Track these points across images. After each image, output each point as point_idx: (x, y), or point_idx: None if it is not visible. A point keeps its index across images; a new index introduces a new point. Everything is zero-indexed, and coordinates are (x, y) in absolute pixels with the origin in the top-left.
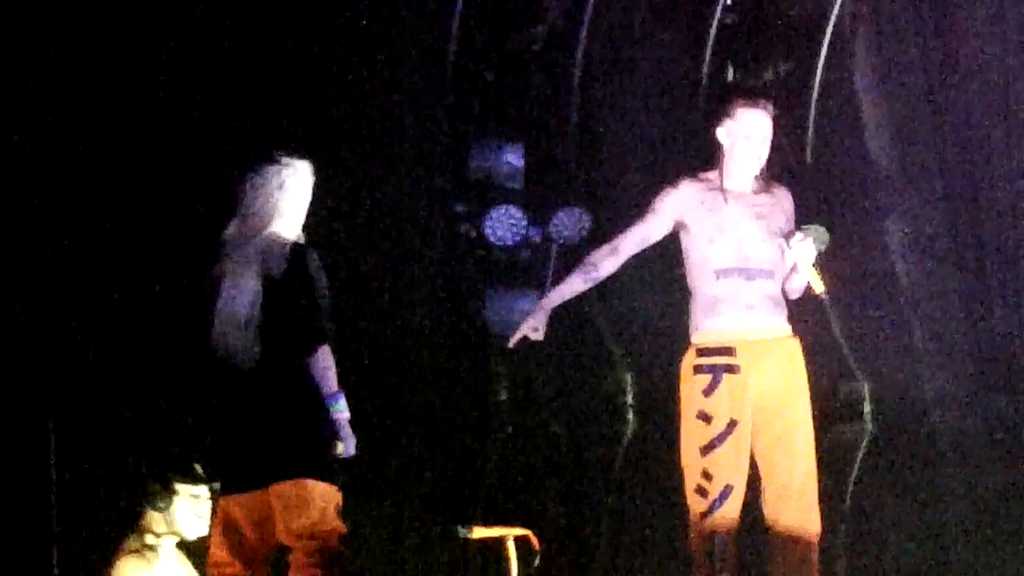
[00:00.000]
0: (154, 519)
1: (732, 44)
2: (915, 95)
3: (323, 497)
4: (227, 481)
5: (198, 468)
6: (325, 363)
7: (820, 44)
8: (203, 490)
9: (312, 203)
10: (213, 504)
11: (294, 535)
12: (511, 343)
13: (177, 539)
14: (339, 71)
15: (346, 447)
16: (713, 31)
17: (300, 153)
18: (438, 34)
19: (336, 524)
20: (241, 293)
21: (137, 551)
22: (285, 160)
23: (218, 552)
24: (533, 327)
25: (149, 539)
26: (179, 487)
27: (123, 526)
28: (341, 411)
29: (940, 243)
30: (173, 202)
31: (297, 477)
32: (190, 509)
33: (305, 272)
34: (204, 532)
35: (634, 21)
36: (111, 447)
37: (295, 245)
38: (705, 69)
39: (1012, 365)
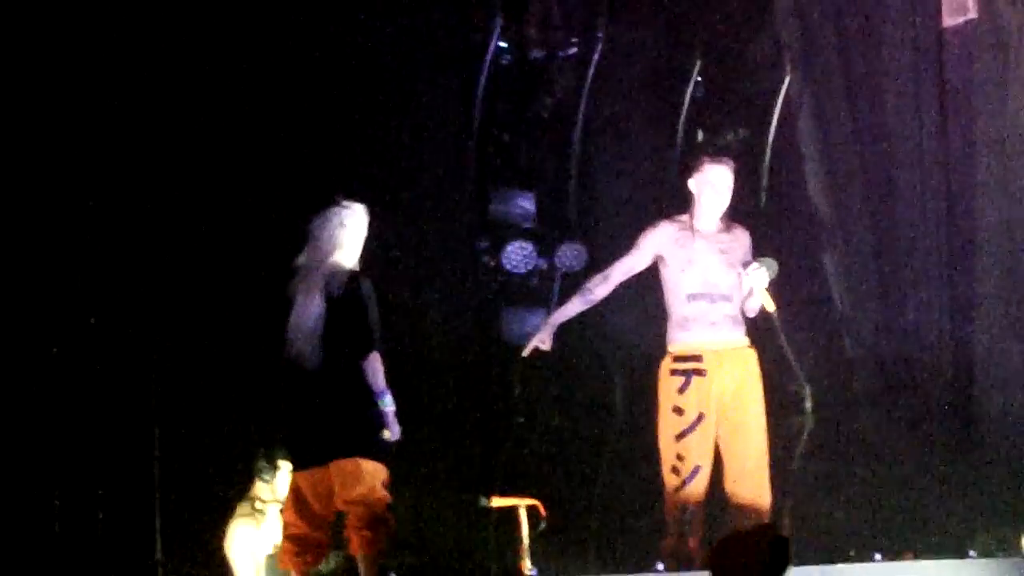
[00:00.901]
0: (261, 489)
1: (701, 113)
2: (847, 156)
3: (373, 472)
4: (297, 459)
5: None
6: (375, 366)
7: (772, 114)
8: None
9: (367, 239)
10: None
11: (349, 503)
12: (524, 353)
13: (279, 506)
14: (390, 137)
15: (392, 433)
16: (686, 102)
17: (358, 199)
18: (467, 105)
19: (383, 494)
20: (309, 310)
21: (248, 515)
22: (345, 203)
23: (289, 516)
24: (542, 340)
25: (257, 505)
26: (281, 464)
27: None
28: (389, 405)
29: (865, 273)
30: (259, 236)
31: (353, 456)
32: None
33: (360, 294)
34: None
35: (624, 95)
36: (207, 436)
37: (352, 272)
38: (680, 132)
39: (918, 369)
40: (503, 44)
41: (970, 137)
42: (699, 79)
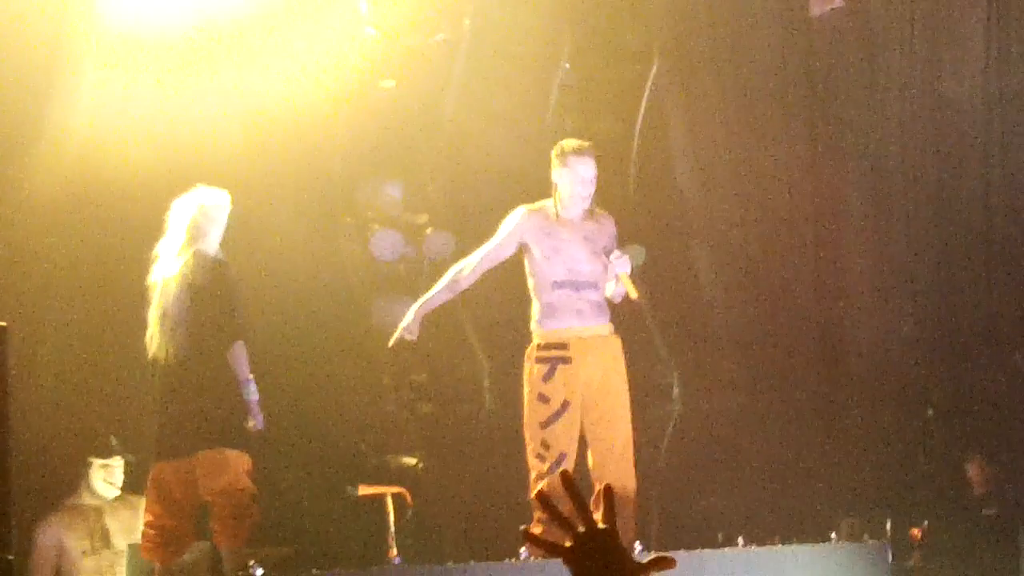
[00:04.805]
0: (81, 485)
1: (571, 99)
2: (715, 143)
3: (237, 462)
4: (161, 450)
5: (112, 443)
6: (240, 355)
7: (641, 101)
8: (116, 461)
9: (230, 226)
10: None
11: (214, 493)
12: (391, 343)
13: (100, 500)
14: (256, 122)
15: (256, 423)
16: (555, 89)
17: (220, 185)
18: (335, 93)
19: (247, 484)
20: (170, 300)
21: (65, 509)
22: (206, 191)
23: (152, 507)
24: (409, 330)
25: (80, 499)
26: (93, 460)
27: None
28: (252, 394)
29: (732, 259)
30: (116, 225)
31: (217, 446)
32: (100, 477)
33: (223, 282)
34: (116, 494)
35: (493, 82)
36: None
37: (215, 260)
38: (549, 119)
39: (784, 355)
40: (372, 30)
41: (837, 124)
42: (568, 66)
